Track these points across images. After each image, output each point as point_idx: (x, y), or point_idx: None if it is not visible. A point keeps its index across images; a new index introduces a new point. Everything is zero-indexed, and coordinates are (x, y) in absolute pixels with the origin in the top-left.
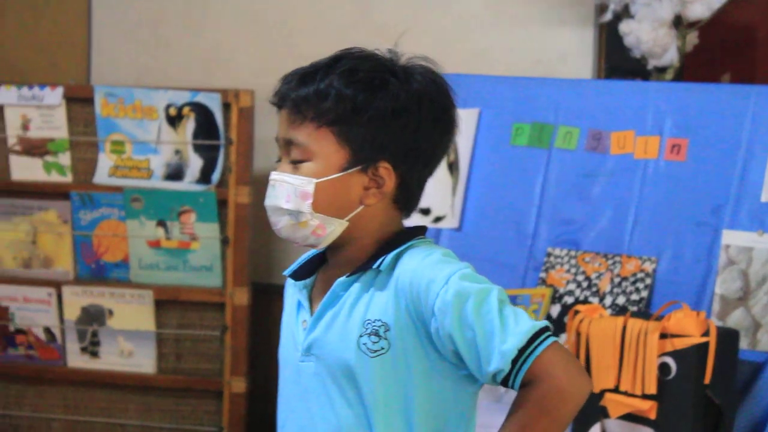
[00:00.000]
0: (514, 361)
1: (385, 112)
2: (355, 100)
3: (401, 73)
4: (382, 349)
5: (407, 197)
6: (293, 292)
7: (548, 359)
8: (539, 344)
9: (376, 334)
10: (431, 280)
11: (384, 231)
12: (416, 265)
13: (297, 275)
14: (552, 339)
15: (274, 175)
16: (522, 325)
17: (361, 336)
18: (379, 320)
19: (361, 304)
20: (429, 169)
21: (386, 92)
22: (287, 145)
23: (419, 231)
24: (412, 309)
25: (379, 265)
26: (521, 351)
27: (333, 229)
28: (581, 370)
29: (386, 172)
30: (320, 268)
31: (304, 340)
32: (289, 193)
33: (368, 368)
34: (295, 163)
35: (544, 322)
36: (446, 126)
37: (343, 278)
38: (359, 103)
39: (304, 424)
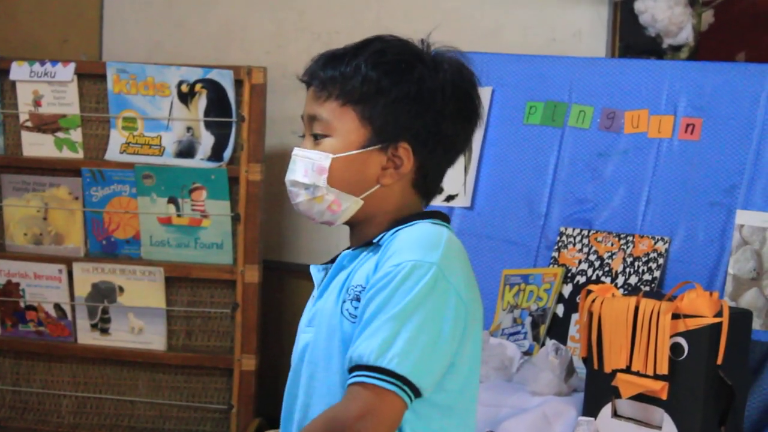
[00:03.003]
0: (358, 367)
1: (408, 95)
2: (379, 81)
3: (429, 60)
4: None
5: (426, 182)
6: (315, 277)
7: (370, 396)
8: (387, 382)
9: (358, 299)
10: (396, 252)
11: (401, 213)
12: (402, 236)
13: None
14: (401, 396)
15: (295, 151)
16: (405, 357)
17: (344, 302)
18: (360, 285)
19: (353, 273)
20: (449, 157)
21: (411, 76)
22: (311, 120)
23: (436, 215)
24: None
25: (379, 240)
26: (371, 367)
27: (348, 206)
28: None
29: (405, 152)
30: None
31: (309, 312)
32: (307, 167)
33: (350, 334)
34: (317, 138)
35: (424, 384)
36: (469, 116)
37: (348, 251)
38: (383, 84)
39: (293, 394)
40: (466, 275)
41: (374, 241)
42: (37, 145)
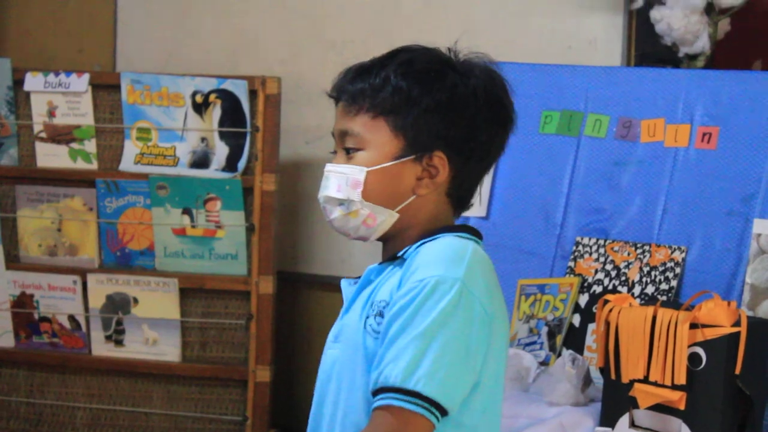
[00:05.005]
0: (384, 389)
1: (440, 103)
2: (410, 91)
3: (460, 67)
4: None
5: (460, 192)
6: (345, 291)
7: (397, 420)
8: (414, 404)
9: (381, 314)
10: (420, 267)
11: (432, 225)
12: (426, 250)
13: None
14: (429, 418)
15: (328, 167)
16: (432, 377)
17: (368, 317)
18: (384, 300)
19: (377, 288)
20: (484, 164)
21: (442, 84)
22: (342, 136)
23: (464, 228)
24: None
25: (404, 253)
26: (397, 389)
27: (384, 219)
28: None
29: (440, 161)
30: None
31: (336, 327)
32: (341, 183)
33: (373, 350)
34: (349, 153)
35: (451, 403)
36: (502, 121)
37: (374, 265)
38: (414, 94)
39: (320, 412)
40: (491, 290)
41: (399, 254)
42: (51, 156)
